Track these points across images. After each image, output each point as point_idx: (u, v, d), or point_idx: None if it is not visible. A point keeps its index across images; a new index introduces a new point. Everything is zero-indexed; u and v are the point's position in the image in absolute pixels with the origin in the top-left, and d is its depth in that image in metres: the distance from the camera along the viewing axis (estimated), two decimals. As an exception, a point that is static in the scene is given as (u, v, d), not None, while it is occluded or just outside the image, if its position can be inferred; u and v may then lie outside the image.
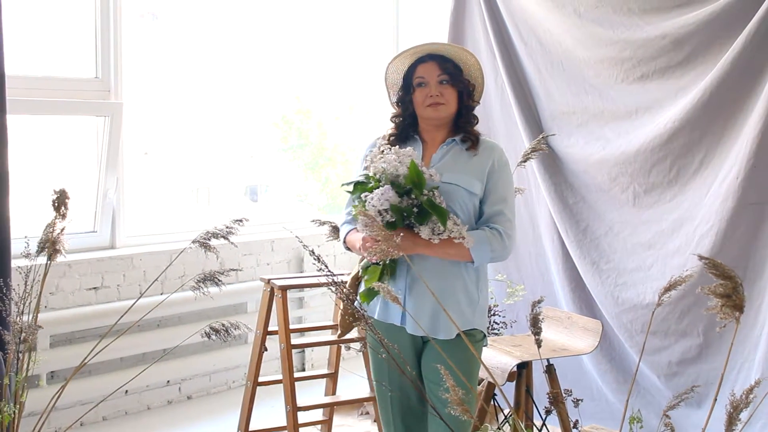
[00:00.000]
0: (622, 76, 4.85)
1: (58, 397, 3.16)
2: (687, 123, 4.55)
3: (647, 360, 4.82)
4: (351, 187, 3.17)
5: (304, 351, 6.20)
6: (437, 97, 3.22)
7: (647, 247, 4.84)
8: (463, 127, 3.28)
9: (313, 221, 4.41)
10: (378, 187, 3.00)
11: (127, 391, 5.18)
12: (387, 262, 3.08)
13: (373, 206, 2.95)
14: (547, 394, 2.32)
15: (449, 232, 2.99)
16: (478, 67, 3.32)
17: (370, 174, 3.09)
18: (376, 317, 3.21)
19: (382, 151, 3.07)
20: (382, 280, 3.07)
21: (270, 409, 5.00)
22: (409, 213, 2.99)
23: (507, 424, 3.49)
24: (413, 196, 3.00)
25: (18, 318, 3.02)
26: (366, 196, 3.00)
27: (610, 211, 4.99)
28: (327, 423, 4.77)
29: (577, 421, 2.54)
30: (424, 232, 3.01)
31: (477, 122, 3.34)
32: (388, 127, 3.40)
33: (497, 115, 5.57)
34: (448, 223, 3.00)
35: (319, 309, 6.12)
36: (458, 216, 3.10)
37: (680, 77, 4.63)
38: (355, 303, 2.62)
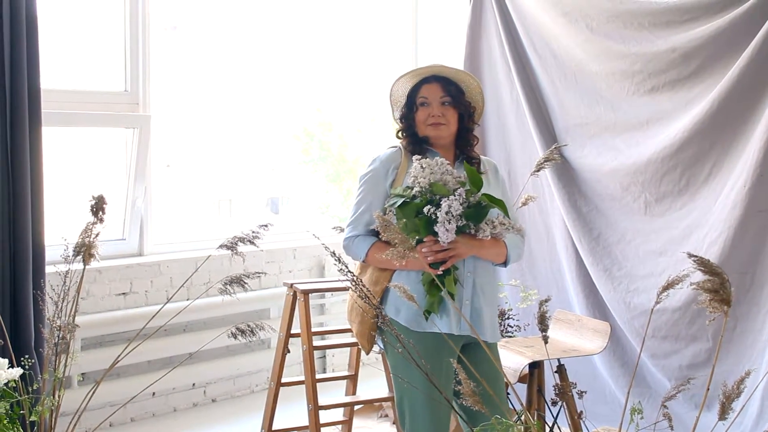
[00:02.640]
0: (634, 88, 4.98)
1: (91, 397, 3.28)
2: (696, 134, 4.65)
3: (658, 364, 4.93)
4: (394, 206, 3.22)
5: (325, 356, 6.34)
6: (438, 117, 3.37)
7: (658, 254, 4.94)
8: (464, 148, 3.45)
9: (335, 228, 4.56)
10: (430, 200, 3.12)
11: (154, 393, 5.34)
12: (453, 270, 3.19)
13: (452, 213, 3.06)
14: (554, 386, 2.46)
15: (503, 227, 3.15)
16: (479, 90, 3.47)
17: (415, 189, 3.16)
18: (408, 327, 3.26)
19: (423, 168, 3.15)
20: (453, 288, 3.18)
21: (292, 411, 5.12)
22: (468, 215, 3.12)
23: (519, 421, 3.62)
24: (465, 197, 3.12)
25: (56, 317, 3.16)
26: (433, 209, 3.09)
27: (622, 220, 5.11)
28: (347, 423, 4.90)
29: (581, 412, 2.67)
30: (485, 230, 3.14)
31: (477, 143, 3.51)
32: (396, 143, 3.54)
33: (512, 126, 5.70)
34: (505, 218, 3.18)
35: (340, 315, 6.24)
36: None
37: (689, 89, 4.73)
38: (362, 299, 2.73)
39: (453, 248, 3.14)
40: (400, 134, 3.55)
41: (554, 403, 2.64)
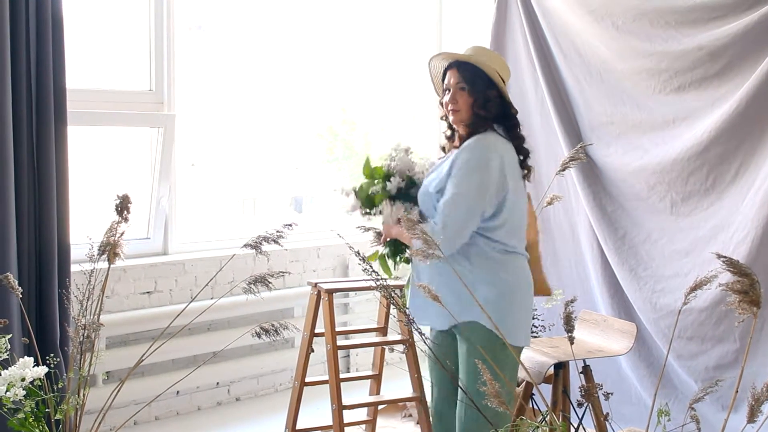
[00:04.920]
0: (660, 87, 4.94)
1: (116, 395, 3.29)
2: (723, 133, 4.62)
3: (684, 365, 4.89)
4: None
5: (348, 355, 6.34)
6: (454, 104, 3.45)
7: (684, 254, 4.91)
8: (475, 133, 3.46)
9: (358, 227, 4.54)
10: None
11: (178, 392, 5.35)
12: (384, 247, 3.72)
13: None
14: (579, 387, 2.44)
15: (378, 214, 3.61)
16: (499, 70, 3.46)
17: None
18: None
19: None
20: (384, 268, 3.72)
21: (316, 410, 5.12)
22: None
23: (545, 422, 3.61)
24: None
25: (81, 316, 3.17)
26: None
27: (648, 219, 5.07)
28: (371, 423, 4.89)
29: (608, 413, 2.66)
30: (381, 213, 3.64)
31: (485, 130, 3.45)
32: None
33: (537, 124, 5.67)
34: (385, 209, 3.56)
35: (364, 315, 6.23)
36: (425, 215, 3.46)
37: (716, 88, 4.70)
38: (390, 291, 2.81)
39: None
40: (443, 119, 3.68)
41: (580, 405, 2.62)
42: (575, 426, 3.82)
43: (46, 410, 3.10)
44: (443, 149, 3.70)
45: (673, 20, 4.83)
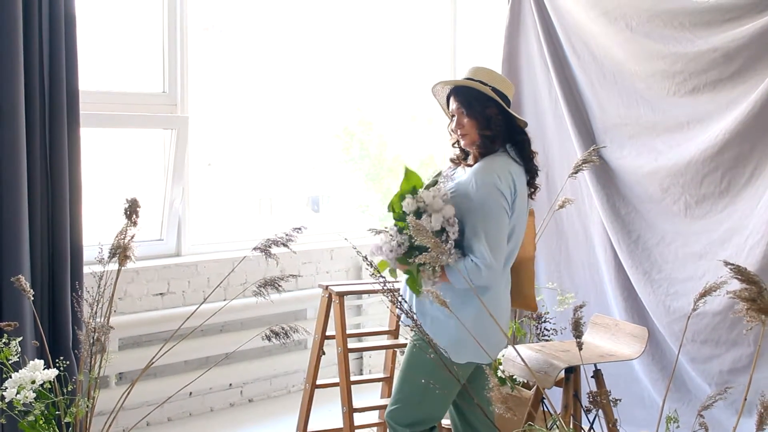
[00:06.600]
0: (674, 89, 4.92)
1: (127, 396, 3.30)
2: (738, 135, 4.59)
3: (698, 368, 4.86)
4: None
5: (362, 357, 6.34)
6: (461, 128, 3.46)
7: (699, 257, 4.88)
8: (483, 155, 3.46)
9: (370, 230, 4.52)
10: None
11: (191, 393, 5.36)
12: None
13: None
14: (588, 393, 2.43)
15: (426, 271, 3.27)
16: (498, 87, 3.45)
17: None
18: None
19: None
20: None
21: (327, 412, 5.13)
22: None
23: (555, 427, 3.60)
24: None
25: (91, 319, 3.18)
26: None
27: (662, 222, 5.05)
28: (382, 426, 4.89)
29: (616, 420, 2.65)
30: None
31: (496, 150, 3.43)
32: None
33: (550, 126, 5.66)
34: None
35: (376, 317, 6.23)
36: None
37: (731, 90, 4.67)
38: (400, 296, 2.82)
39: None
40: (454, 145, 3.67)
41: (588, 411, 2.61)
42: (586, 431, 3.80)
43: (57, 413, 3.11)
44: (452, 161, 3.65)
45: (687, 22, 4.81)
